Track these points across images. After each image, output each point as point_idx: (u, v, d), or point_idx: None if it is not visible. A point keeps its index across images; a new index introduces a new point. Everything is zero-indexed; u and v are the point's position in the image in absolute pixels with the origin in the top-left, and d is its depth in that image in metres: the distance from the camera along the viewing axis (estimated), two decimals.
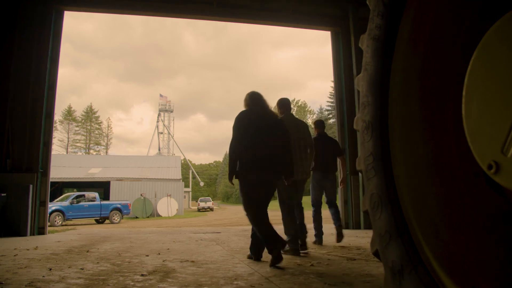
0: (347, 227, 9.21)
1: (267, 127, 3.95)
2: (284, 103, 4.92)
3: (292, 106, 5.21)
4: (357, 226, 9.02)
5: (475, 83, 0.95)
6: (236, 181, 3.94)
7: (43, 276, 3.02)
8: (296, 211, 4.67)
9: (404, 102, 1.23)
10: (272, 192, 4.05)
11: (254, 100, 4.12)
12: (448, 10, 1.11)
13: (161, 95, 65.57)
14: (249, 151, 3.86)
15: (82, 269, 3.41)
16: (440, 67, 1.15)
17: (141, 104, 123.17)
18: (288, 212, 4.45)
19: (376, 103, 1.29)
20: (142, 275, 3.10)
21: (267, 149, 3.87)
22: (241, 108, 4.11)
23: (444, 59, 1.14)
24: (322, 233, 5.72)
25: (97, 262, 3.84)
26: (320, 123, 6.13)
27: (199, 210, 39.74)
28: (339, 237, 5.53)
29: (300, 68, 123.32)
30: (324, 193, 5.89)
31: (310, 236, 5.37)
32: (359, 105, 1.38)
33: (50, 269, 3.36)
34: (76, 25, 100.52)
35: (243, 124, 3.92)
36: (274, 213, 5.13)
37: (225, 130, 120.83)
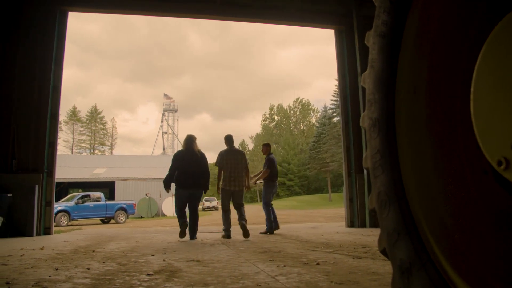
0: (352, 226, 9.20)
1: (192, 161, 6.76)
2: (228, 139, 7.25)
3: (297, 104, 6.81)
4: (362, 225, 9.01)
5: (484, 78, 0.94)
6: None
7: (50, 276, 3.03)
8: (239, 211, 6.95)
9: (411, 99, 1.22)
10: (194, 199, 6.83)
11: (186, 143, 6.98)
12: (456, 5, 1.10)
13: (165, 95, 65.74)
14: (180, 175, 6.71)
15: (88, 268, 3.42)
16: (447, 64, 1.14)
17: (146, 104, 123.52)
18: (225, 211, 6.97)
19: (382, 101, 1.27)
20: (148, 274, 3.11)
21: (191, 174, 6.68)
22: (246, 107, 5.36)
23: (451, 55, 1.13)
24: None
25: (103, 262, 3.85)
26: (269, 146, 8.44)
27: (204, 209, 39.77)
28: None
29: (305, 66, 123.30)
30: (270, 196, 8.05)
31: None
32: (366, 103, 1.37)
33: (57, 269, 3.37)
34: (81, 26, 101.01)
35: (177, 159, 6.86)
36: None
37: (230, 130, 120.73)
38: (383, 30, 1.25)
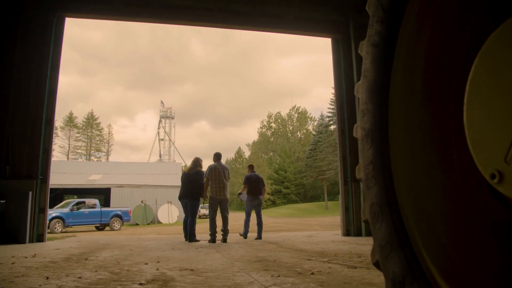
0: (348, 234, 9.16)
1: (192, 178, 8.64)
2: (216, 156, 8.70)
3: (294, 112, 7.29)
4: (358, 233, 8.97)
5: (477, 90, 0.93)
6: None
7: (40, 285, 2.98)
8: (223, 221, 8.35)
9: (405, 109, 1.20)
10: (189, 207, 8.54)
11: (191, 165, 8.95)
12: (449, 15, 1.09)
13: (162, 102, 65.71)
14: (183, 188, 8.67)
15: (79, 277, 3.37)
16: (441, 74, 1.12)
17: (146, 111, 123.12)
18: (212, 218, 8.29)
19: (375, 111, 1.26)
20: (140, 283, 3.07)
21: (189, 187, 8.53)
22: (245, 115, 6.57)
23: (445, 65, 1.11)
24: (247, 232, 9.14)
25: (95, 271, 3.80)
26: (251, 166, 9.92)
27: (200, 217, 39.57)
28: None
29: (305, 75, 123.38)
30: (254, 208, 9.20)
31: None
32: (359, 113, 1.35)
33: (47, 278, 3.32)
34: (84, 33, 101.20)
35: (183, 177, 8.93)
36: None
37: (228, 137, 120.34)
38: (376, 40, 1.24)
